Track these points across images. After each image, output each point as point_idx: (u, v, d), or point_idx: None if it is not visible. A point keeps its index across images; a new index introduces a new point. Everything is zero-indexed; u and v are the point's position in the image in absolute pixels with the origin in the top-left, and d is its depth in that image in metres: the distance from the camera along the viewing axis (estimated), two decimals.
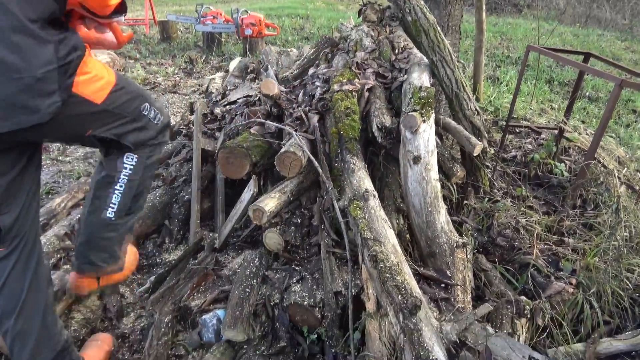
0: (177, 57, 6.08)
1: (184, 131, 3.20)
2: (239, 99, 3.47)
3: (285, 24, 8.37)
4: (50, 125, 1.25)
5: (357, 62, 2.60)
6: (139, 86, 1.57)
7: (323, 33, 7.66)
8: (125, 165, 1.55)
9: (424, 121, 1.92)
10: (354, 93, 2.28)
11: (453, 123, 2.29)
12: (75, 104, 1.30)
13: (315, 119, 2.19)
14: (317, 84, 2.55)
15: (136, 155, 1.55)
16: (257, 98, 3.24)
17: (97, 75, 1.35)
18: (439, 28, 2.58)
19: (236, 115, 3.05)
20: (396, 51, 2.78)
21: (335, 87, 2.31)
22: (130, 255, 1.74)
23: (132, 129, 1.49)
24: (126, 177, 1.56)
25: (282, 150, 1.90)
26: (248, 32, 5.93)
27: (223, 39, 6.65)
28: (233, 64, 4.09)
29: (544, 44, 5.73)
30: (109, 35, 1.53)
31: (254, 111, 2.51)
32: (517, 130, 3.66)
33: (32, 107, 1.19)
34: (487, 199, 2.35)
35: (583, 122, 4.20)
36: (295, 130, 2.12)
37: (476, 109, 2.37)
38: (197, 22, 6.28)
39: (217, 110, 3.30)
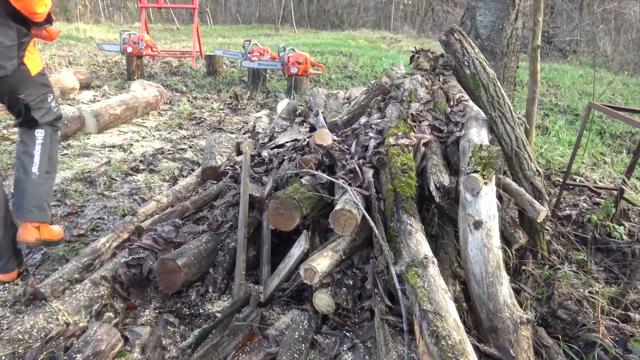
0: (222, 92, 6.16)
1: (229, 172, 3.18)
2: (287, 142, 3.44)
3: (328, 61, 8.45)
4: (7, 78, 2.17)
5: (412, 114, 2.54)
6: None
7: (366, 72, 7.68)
8: (37, 136, 2.39)
9: (485, 183, 1.84)
10: (409, 147, 2.22)
11: (514, 185, 2.19)
12: (21, 71, 2.23)
13: (369, 173, 2.13)
14: (371, 134, 2.49)
15: (43, 130, 2.39)
16: (305, 142, 3.22)
17: (35, 58, 2.31)
18: (498, 83, 2.51)
19: (284, 159, 3.01)
20: (451, 103, 2.71)
21: (391, 140, 2.25)
22: (57, 227, 2.50)
23: (43, 108, 2.37)
24: (40, 144, 2.39)
25: (338, 207, 1.84)
26: (294, 70, 5.98)
27: (268, 75, 6.72)
28: (281, 106, 4.09)
29: (593, 94, 5.58)
30: (45, 33, 2.40)
31: (306, 161, 2.46)
32: (571, 187, 3.52)
33: (2, 65, 2.14)
34: (546, 266, 2.22)
35: None
36: (349, 185, 2.05)
37: (537, 170, 2.26)
38: (244, 58, 6.39)
39: (265, 153, 3.28)
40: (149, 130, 4.64)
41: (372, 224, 1.81)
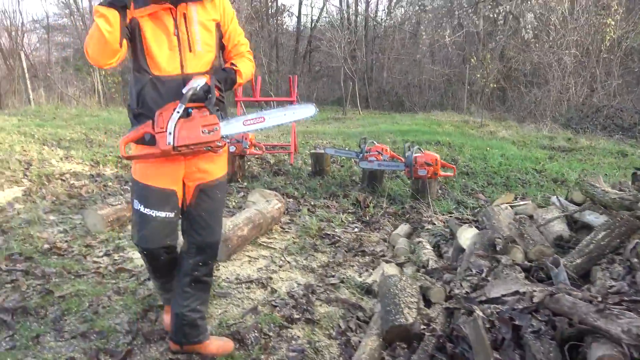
0: (338, 197, 5.46)
1: (426, 335, 2.33)
2: (505, 296, 2.61)
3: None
4: None
5: None
6: None
7: (479, 166, 6.88)
8: None
9: None
10: None
11: None
12: None
13: None
14: None
15: None
16: (536, 300, 2.37)
17: None
18: None
19: (523, 331, 2.16)
20: None
21: None
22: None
23: None
24: None
25: None
26: (422, 173, 5.24)
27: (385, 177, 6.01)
28: (465, 236, 3.25)
29: None
30: None
31: None
32: None
33: None
34: None
35: None
36: None
37: None
38: (360, 157, 5.72)
39: (479, 313, 2.44)
40: (281, 255, 3.89)
41: None
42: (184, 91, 2.11)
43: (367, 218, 4.79)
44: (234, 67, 2.37)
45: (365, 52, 23.87)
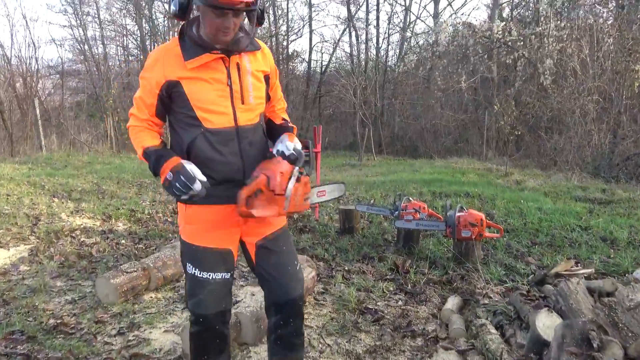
0: (373, 259, 4.97)
1: None
2: None
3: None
4: None
5: None
6: None
7: (517, 222, 6.39)
8: None
9: None
10: None
11: None
12: None
13: None
14: None
15: None
16: None
17: None
18: None
19: None
20: None
21: None
22: None
23: None
24: None
25: None
26: (466, 234, 4.75)
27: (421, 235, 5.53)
28: (545, 324, 2.74)
29: None
30: None
31: None
32: None
33: None
34: None
35: None
36: None
37: None
38: (395, 216, 5.25)
39: None
40: (319, 336, 3.38)
41: None
42: (283, 151, 2.11)
43: (410, 287, 4.28)
44: (290, 124, 2.35)
45: (378, 97, 23.75)
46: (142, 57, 25.25)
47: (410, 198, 5.47)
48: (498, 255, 5.11)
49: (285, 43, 28.06)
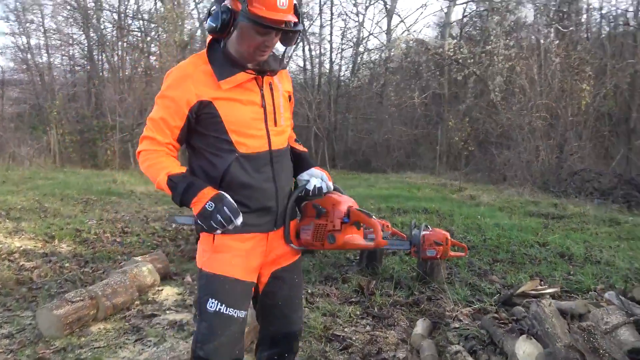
0: (336, 281, 4.79)
1: None
2: None
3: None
4: None
5: None
6: None
7: (477, 239, 6.39)
8: None
9: None
10: None
11: None
12: None
13: None
14: None
15: None
16: None
17: None
18: None
19: None
20: None
21: None
22: None
23: None
24: None
25: None
26: (431, 254, 4.54)
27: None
28: (526, 351, 2.63)
29: None
30: None
31: None
32: None
33: None
34: None
35: None
36: None
37: None
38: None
39: None
40: None
41: None
42: (316, 187, 2.09)
43: (376, 310, 4.12)
44: (305, 150, 2.29)
45: (332, 111, 23.80)
46: (88, 67, 24.37)
47: (373, 216, 5.33)
48: (462, 274, 5.05)
49: None
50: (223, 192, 1.86)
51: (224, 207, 1.80)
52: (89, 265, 5.36)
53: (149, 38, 25.29)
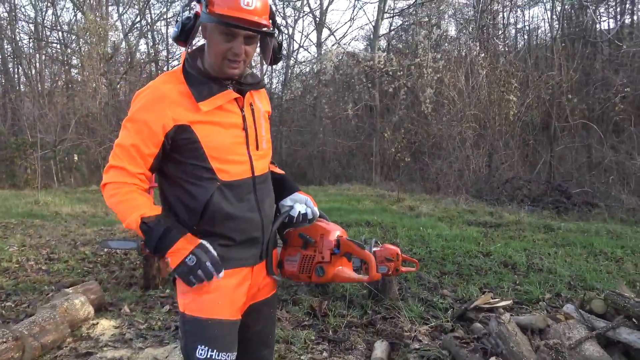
0: (286, 303, 4.58)
1: None
2: None
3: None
4: None
5: None
6: None
7: (422, 251, 6.39)
8: None
9: None
10: None
11: None
12: None
13: None
14: None
15: None
16: None
17: None
18: None
19: None
20: None
21: None
22: None
23: None
24: None
25: None
26: (383, 270, 4.50)
27: None
28: None
29: None
30: None
31: None
32: None
33: None
34: None
35: None
36: None
37: None
38: None
39: None
40: None
41: None
42: (301, 213, 1.90)
43: (331, 333, 3.95)
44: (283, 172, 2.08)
45: None
46: (3, 80, 22.80)
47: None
48: (412, 289, 4.98)
49: (166, 68, 26.99)
50: (205, 243, 1.65)
51: (207, 263, 1.60)
52: (11, 298, 4.82)
53: (69, 50, 24.11)
